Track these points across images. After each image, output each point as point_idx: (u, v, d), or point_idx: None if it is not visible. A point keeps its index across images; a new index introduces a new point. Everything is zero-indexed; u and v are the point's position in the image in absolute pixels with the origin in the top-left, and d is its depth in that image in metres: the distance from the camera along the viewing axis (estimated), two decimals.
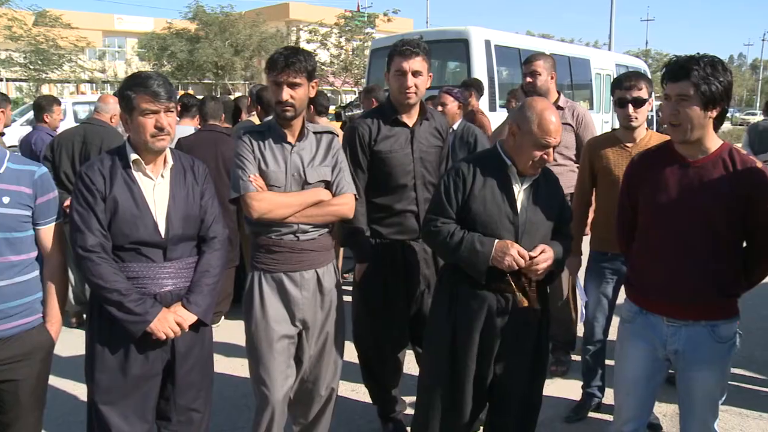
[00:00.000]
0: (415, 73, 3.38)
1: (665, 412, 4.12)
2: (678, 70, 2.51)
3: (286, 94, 2.90)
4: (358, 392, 4.42)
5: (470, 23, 12.13)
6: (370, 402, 4.00)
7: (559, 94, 4.68)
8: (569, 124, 4.54)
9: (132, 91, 2.59)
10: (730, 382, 2.81)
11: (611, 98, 3.92)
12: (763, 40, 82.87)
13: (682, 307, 2.66)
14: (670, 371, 2.87)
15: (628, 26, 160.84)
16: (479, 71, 9.91)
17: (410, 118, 3.51)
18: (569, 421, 4.06)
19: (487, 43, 10.26)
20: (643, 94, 3.64)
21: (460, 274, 2.94)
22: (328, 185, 3.06)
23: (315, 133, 3.10)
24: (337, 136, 3.19)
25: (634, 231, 2.86)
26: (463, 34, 10.28)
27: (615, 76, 14.12)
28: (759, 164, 2.62)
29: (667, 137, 2.78)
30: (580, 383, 4.22)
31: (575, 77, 12.95)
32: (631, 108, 3.64)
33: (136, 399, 2.69)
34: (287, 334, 3.03)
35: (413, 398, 4.03)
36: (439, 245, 2.97)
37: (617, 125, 3.97)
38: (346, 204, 3.07)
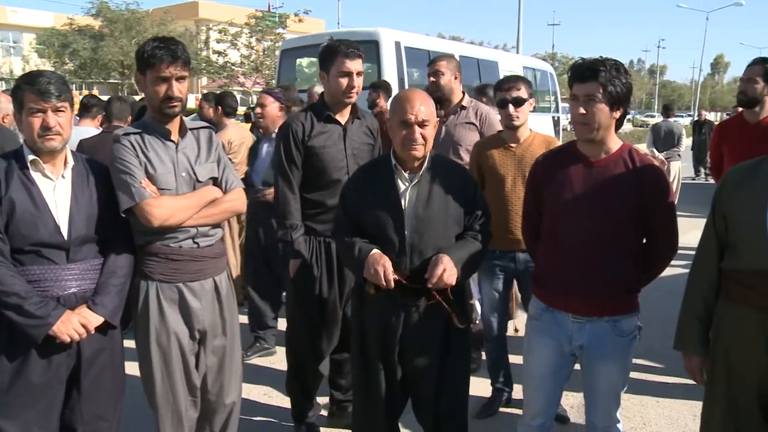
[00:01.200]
0: (358, 74, 3.48)
1: (572, 404, 4.25)
2: (586, 71, 2.59)
3: (177, 89, 2.79)
4: (270, 396, 4.37)
5: (382, 25, 12.23)
6: (282, 406, 3.96)
7: (464, 94, 4.74)
8: (473, 123, 4.61)
9: (20, 89, 2.51)
10: (631, 372, 2.92)
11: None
12: (658, 46, 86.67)
13: (586, 304, 2.74)
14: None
15: (536, 30, 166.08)
16: (389, 72, 9.96)
17: (342, 117, 3.58)
18: (480, 417, 4.13)
19: (397, 44, 10.33)
20: (523, 94, 3.80)
21: None
22: (214, 182, 2.99)
23: (191, 129, 3.00)
24: (213, 129, 3.14)
25: (540, 231, 2.93)
26: (373, 36, 10.31)
27: None
28: (656, 163, 2.75)
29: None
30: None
31: (484, 78, 13.15)
32: (511, 108, 3.78)
33: (38, 409, 2.56)
34: (188, 347, 2.94)
35: (326, 399, 4.05)
36: (339, 248, 3.00)
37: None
38: (239, 199, 3.04)
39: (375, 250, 2.79)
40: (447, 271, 2.71)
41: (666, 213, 2.75)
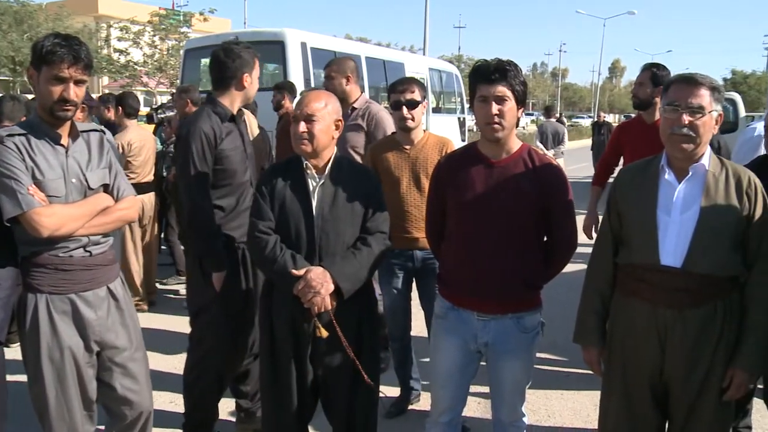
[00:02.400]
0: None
1: (479, 400, 4.33)
2: (494, 72, 2.64)
3: (74, 92, 2.62)
4: (176, 404, 4.24)
5: (289, 25, 12.07)
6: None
7: (360, 96, 4.72)
8: (359, 125, 4.61)
9: None
10: (535, 366, 3.00)
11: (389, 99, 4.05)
12: (560, 50, 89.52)
13: (490, 302, 2.79)
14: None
15: (442, 32, 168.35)
16: (295, 73, 9.86)
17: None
18: (389, 417, 4.15)
19: (303, 45, 10.24)
20: (416, 96, 3.82)
21: None
22: (105, 188, 2.85)
23: (82, 131, 2.84)
24: (105, 133, 2.96)
25: (444, 231, 2.97)
26: (278, 36, 10.19)
27: (428, 80, 14.61)
28: (555, 164, 2.82)
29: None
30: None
31: (390, 80, 13.26)
32: (405, 110, 3.79)
33: None
34: (84, 360, 2.79)
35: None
36: (258, 258, 2.92)
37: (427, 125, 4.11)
38: (132, 208, 2.92)
39: (316, 269, 2.79)
40: (321, 296, 2.75)
41: (565, 211, 2.83)
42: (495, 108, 2.65)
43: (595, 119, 23.36)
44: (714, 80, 2.52)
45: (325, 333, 2.83)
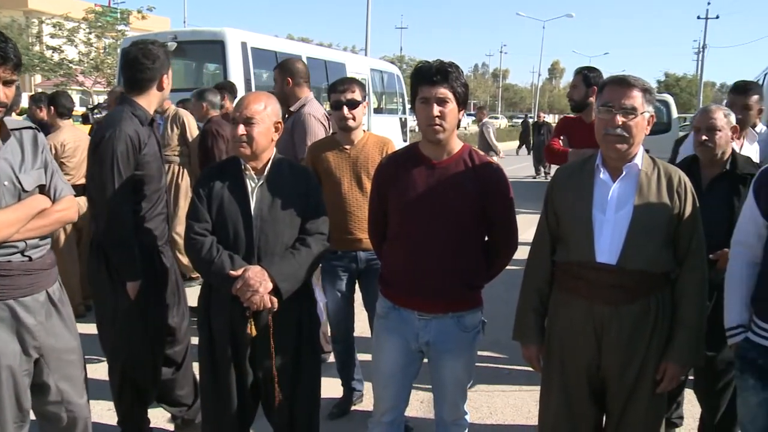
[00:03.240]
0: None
1: (422, 399, 4.35)
2: (436, 73, 2.65)
3: (3, 93, 2.48)
4: (114, 412, 4.14)
5: (230, 25, 11.87)
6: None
7: (300, 100, 4.68)
8: (287, 129, 4.57)
9: None
10: (478, 364, 3.03)
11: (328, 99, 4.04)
12: (501, 51, 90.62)
13: (431, 301, 2.81)
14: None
15: (384, 33, 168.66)
16: (235, 74, 9.76)
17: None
18: (332, 418, 4.13)
19: (244, 45, 10.15)
20: (357, 96, 3.83)
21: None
22: (41, 189, 2.72)
23: (12, 130, 2.68)
24: (38, 130, 2.81)
25: (386, 231, 2.97)
26: (218, 36, 10.07)
27: (369, 80, 14.65)
28: (495, 164, 2.86)
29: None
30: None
31: (331, 80, 13.25)
32: (346, 110, 3.79)
33: None
34: (21, 368, 2.67)
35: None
36: (195, 260, 2.88)
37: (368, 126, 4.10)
38: (71, 208, 2.81)
39: (254, 267, 2.78)
40: (259, 294, 2.76)
41: (506, 211, 2.87)
42: (436, 110, 2.67)
43: (536, 119, 23.80)
44: (646, 82, 2.58)
45: (254, 332, 2.83)
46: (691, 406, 4.01)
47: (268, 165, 2.92)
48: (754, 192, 2.56)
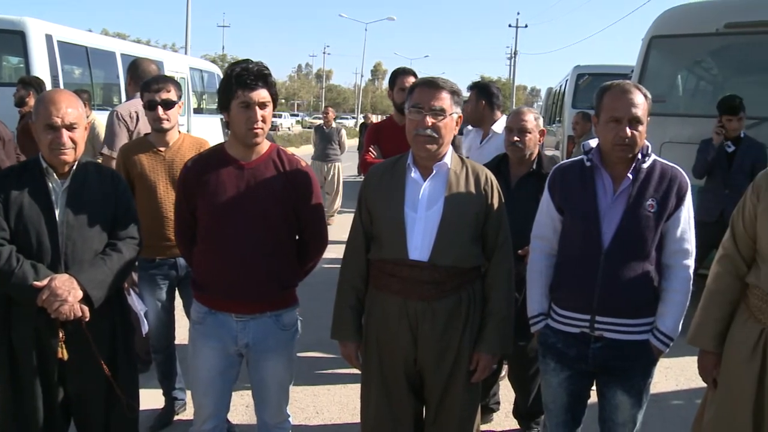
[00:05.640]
0: None
1: (247, 403, 4.27)
2: (257, 77, 2.64)
3: None
4: None
5: (41, 17, 10.91)
6: None
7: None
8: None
9: None
10: (302, 364, 3.04)
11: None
12: (324, 52, 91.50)
13: (248, 302, 2.79)
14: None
15: (206, 31, 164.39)
16: (40, 68, 9.03)
17: None
18: (154, 430, 3.99)
19: (49, 37, 9.42)
20: (172, 96, 3.71)
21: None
22: None
23: None
24: None
25: (195, 235, 2.91)
26: (18, 26, 9.26)
27: (189, 80, 14.22)
28: (303, 164, 2.88)
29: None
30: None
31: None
32: (161, 110, 3.66)
33: None
34: None
35: None
36: None
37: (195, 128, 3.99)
38: None
39: (61, 276, 2.60)
40: (68, 304, 2.59)
41: (315, 211, 2.92)
42: (259, 114, 2.66)
43: (363, 120, 24.33)
44: (454, 84, 2.71)
45: (65, 355, 2.66)
46: (507, 391, 4.24)
47: (74, 167, 2.74)
48: (548, 188, 2.78)
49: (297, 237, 2.93)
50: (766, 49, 6.33)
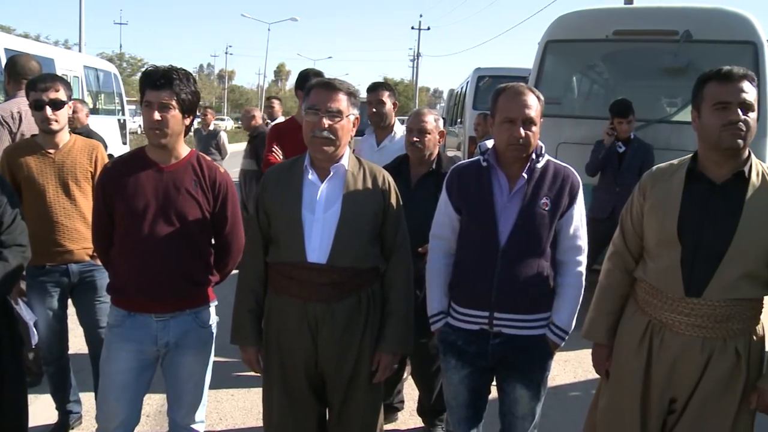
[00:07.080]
0: None
1: (161, 405, 4.20)
2: (160, 79, 2.62)
3: None
4: None
5: None
6: None
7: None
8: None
9: None
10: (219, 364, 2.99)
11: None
12: (226, 52, 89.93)
13: (167, 302, 2.80)
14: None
15: (102, 28, 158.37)
16: None
17: None
18: None
19: None
20: (62, 95, 3.55)
21: None
22: None
23: None
24: None
25: (112, 238, 2.86)
26: None
27: (83, 78, 13.66)
28: (222, 170, 2.90)
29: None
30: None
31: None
32: (49, 110, 3.49)
33: None
34: None
35: None
36: None
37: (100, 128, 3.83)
38: None
39: None
40: None
41: (232, 214, 2.93)
42: (157, 114, 2.64)
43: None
44: (351, 86, 2.72)
45: None
46: (411, 389, 4.28)
47: None
48: (446, 188, 2.83)
49: (214, 241, 2.94)
50: (651, 55, 6.65)
